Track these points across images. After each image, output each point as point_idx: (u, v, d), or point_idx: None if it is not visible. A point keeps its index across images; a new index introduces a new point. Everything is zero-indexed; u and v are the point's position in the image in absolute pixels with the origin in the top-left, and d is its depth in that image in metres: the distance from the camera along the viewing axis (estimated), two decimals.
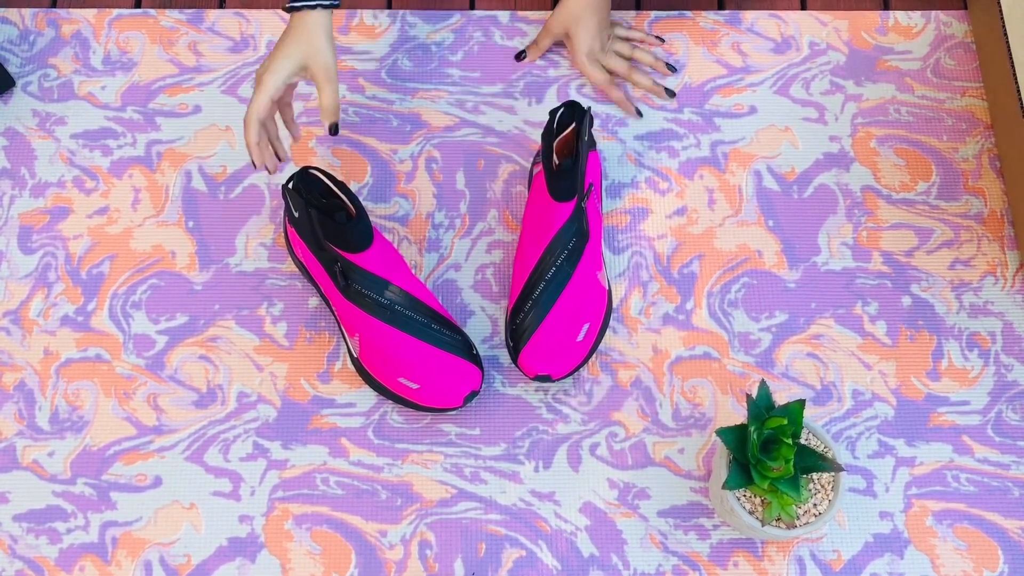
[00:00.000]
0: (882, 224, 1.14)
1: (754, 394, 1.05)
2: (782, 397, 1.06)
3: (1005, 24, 1.13)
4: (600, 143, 1.17)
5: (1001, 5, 1.14)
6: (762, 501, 0.94)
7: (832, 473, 0.94)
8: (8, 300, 1.10)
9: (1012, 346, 1.08)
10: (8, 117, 1.18)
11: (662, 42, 1.19)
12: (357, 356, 1.04)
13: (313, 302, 1.10)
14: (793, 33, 1.23)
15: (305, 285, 1.11)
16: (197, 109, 1.19)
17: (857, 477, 1.03)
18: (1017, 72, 1.10)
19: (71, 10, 1.24)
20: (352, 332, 1.03)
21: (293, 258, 1.09)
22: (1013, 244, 1.13)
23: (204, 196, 1.15)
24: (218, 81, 1.20)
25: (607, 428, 1.05)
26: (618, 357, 1.08)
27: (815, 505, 0.93)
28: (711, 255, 1.12)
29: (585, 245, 1.04)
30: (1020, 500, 1.02)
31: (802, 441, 0.95)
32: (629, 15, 1.24)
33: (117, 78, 1.20)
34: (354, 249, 0.99)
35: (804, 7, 1.25)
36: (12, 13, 1.24)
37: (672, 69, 1.18)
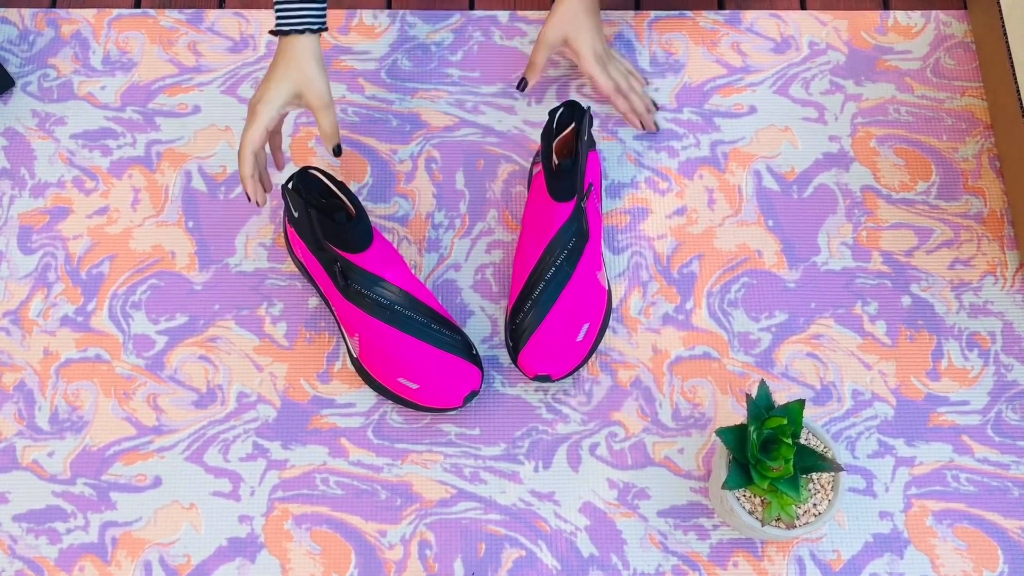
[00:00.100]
0: (882, 224, 1.14)
1: (754, 394, 1.05)
2: (782, 397, 1.06)
3: (1005, 24, 1.13)
4: (600, 143, 1.17)
5: (1001, 5, 1.14)
6: (762, 501, 0.94)
7: (832, 473, 0.94)
8: (8, 300, 1.10)
9: (1012, 346, 1.08)
10: (8, 117, 1.18)
11: (647, 83, 1.16)
12: (357, 356, 1.04)
13: (313, 302, 1.10)
14: (793, 33, 1.23)
15: (305, 285, 1.11)
16: (197, 109, 1.19)
17: (857, 477, 1.03)
18: (1017, 72, 1.10)
19: (71, 10, 1.24)
20: (352, 332, 1.03)
21: (293, 258, 1.09)
22: (1013, 244, 1.13)
23: (204, 196, 1.15)
24: (218, 81, 1.20)
25: (607, 428, 1.05)
26: (618, 357, 1.08)
27: (815, 505, 0.93)
28: (711, 255, 1.12)
29: (585, 245, 1.04)
30: (1020, 500, 1.02)
31: (802, 441, 0.95)
32: (628, 15, 1.24)
33: (117, 78, 1.20)
34: (354, 249, 0.99)
35: (804, 7, 1.25)
36: (12, 13, 1.24)
37: (656, 106, 1.16)
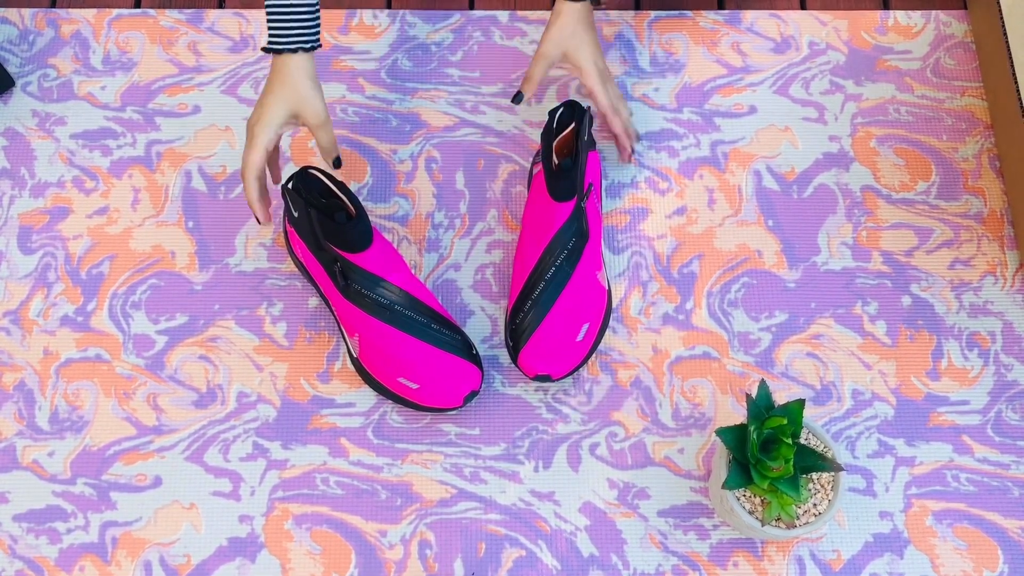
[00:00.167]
0: (882, 224, 1.14)
1: (754, 394, 1.05)
2: (782, 397, 1.06)
3: (1005, 24, 1.13)
4: (600, 143, 1.17)
5: (1001, 5, 1.14)
6: (762, 501, 0.94)
7: (832, 473, 0.94)
8: (8, 300, 1.10)
9: (1012, 346, 1.08)
10: (8, 117, 1.18)
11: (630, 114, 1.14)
12: (357, 356, 1.04)
13: (313, 302, 1.10)
14: (793, 33, 1.23)
15: (305, 285, 1.11)
16: (197, 109, 1.19)
17: (857, 477, 1.03)
18: (1017, 72, 1.10)
19: (71, 10, 1.24)
20: (352, 332, 1.03)
21: (293, 258, 1.09)
22: (1013, 244, 1.13)
23: (204, 196, 1.15)
24: (218, 81, 1.20)
25: (607, 428, 1.05)
26: (618, 357, 1.08)
27: (815, 505, 0.93)
28: (711, 255, 1.12)
29: (585, 245, 1.04)
30: (1020, 500, 1.02)
31: (802, 441, 0.95)
32: (628, 15, 1.24)
33: (117, 78, 1.20)
34: (354, 249, 0.99)
35: (804, 7, 1.25)
36: (12, 13, 1.24)
37: (638, 138, 1.13)
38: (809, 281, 1.11)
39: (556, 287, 1.02)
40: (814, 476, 0.94)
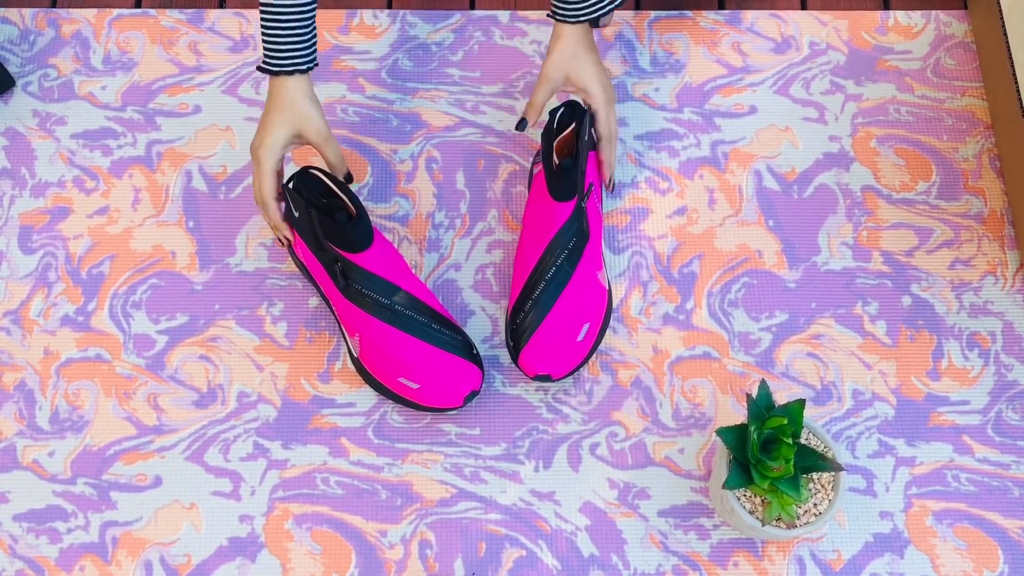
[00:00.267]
0: (882, 224, 1.14)
1: (754, 394, 1.05)
2: (782, 397, 1.06)
3: (1005, 24, 1.13)
4: None
5: (1001, 5, 1.14)
6: (762, 501, 0.94)
7: (832, 473, 0.94)
8: (8, 300, 1.10)
9: (1012, 346, 1.08)
10: (8, 117, 1.18)
11: (613, 188, 1.12)
12: (357, 356, 1.04)
13: (313, 302, 1.10)
14: (793, 33, 1.23)
15: (305, 285, 1.11)
16: (197, 109, 1.19)
17: (857, 477, 1.03)
18: (1017, 72, 1.10)
19: (71, 10, 1.24)
20: (352, 332, 1.03)
21: (293, 258, 1.09)
22: (1013, 244, 1.13)
23: (204, 196, 1.15)
24: (218, 81, 1.20)
25: (607, 428, 1.05)
26: (618, 357, 1.08)
27: (815, 505, 0.93)
28: (711, 255, 1.12)
29: (585, 245, 1.04)
30: (1020, 500, 1.02)
31: (802, 441, 0.95)
32: (628, 15, 1.24)
33: (117, 78, 1.20)
34: (354, 249, 0.99)
35: (804, 7, 1.25)
36: (12, 13, 1.24)
37: (612, 186, 1.11)
38: (809, 281, 1.11)
39: (557, 287, 1.02)
40: (814, 476, 0.94)
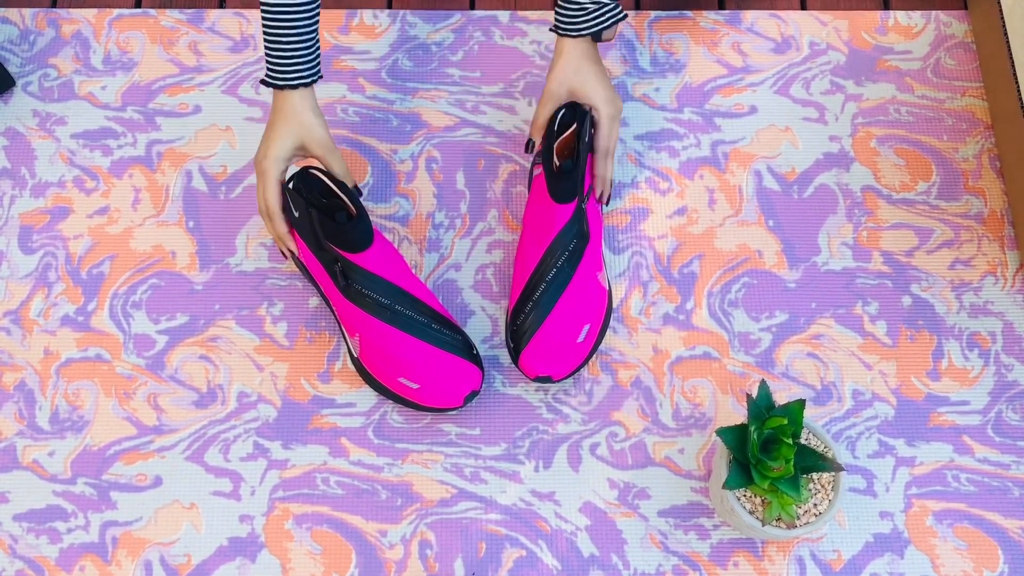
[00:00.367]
0: (882, 224, 1.14)
1: (754, 394, 1.05)
2: (782, 397, 1.06)
3: (1005, 24, 1.13)
4: None
5: (1001, 5, 1.14)
6: (762, 501, 0.94)
7: (832, 473, 0.94)
8: (8, 300, 1.10)
9: (1012, 346, 1.08)
10: (8, 117, 1.18)
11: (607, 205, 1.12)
12: (357, 356, 1.04)
13: (313, 302, 1.10)
14: (793, 33, 1.23)
15: (305, 285, 1.11)
16: (197, 109, 1.19)
17: (857, 477, 1.03)
18: (1017, 72, 1.10)
19: (71, 10, 1.24)
20: (352, 332, 1.03)
21: (293, 258, 1.09)
22: (1013, 244, 1.13)
23: (204, 196, 1.15)
24: (218, 81, 1.20)
25: (607, 428, 1.05)
26: (618, 357, 1.08)
27: (815, 505, 0.93)
28: (711, 255, 1.12)
29: (585, 246, 1.04)
30: (1020, 500, 1.02)
31: (802, 441, 0.95)
32: (629, 15, 1.24)
33: (117, 78, 1.20)
34: (354, 249, 0.99)
35: (804, 7, 1.25)
36: (12, 13, 1.24)
37: (606, 202, 1.10)
38: (809, 281, 1.11)
39: (557, 288, 1.02)
40: (814, 476, 0.94)
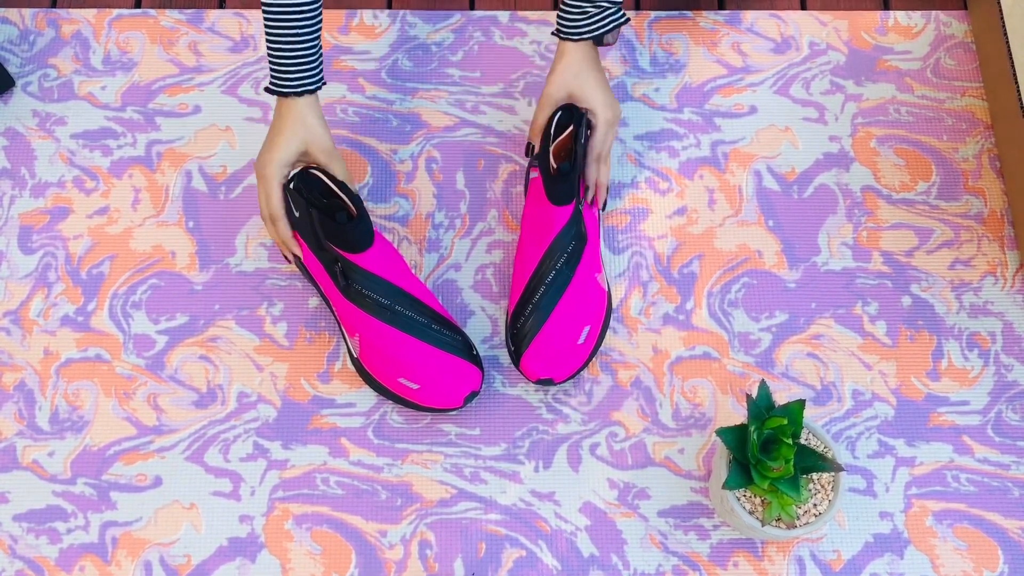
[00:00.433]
0: (882, 224, 1.14)
1: (754, 394, 1.05)
2: (782, 397, 1.06)
3: (1005, 24, 1.13)
4: None
5: (1001, 5, 1.14)
6: (762, 501, 0.94)
7: (832, 473, 0.94)
8: (8, 300, 1.10)
9: (1012, 346, 1.08)
10: (8, 117, 1.18)
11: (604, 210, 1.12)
12: (357, 356, 1.04)
13: (313, 302, 1.10)
14: (793, 33, 1.23)
15: (305, 285, 1.11)
16: (197, 109, 1.19)
17: (857, 477, 1.03)
18: (1017, 72, 1.10)
19: (71, 10, 1.24)
20: (352, 332, 1.03)
21: (296, 259, 1.09)
22: (1013, 244, 1.13)
23: (204, 196, 1.15)
24: (218, 81, 1.20)
25: (607, 428, 1.05)
26: (618, 357, 1.08)
27: (815, 505, 0.93)
28: (711, 255, 1.12)
29: (584, 248, 1.04)
30: (1020, 500, 1.02)
31: (802, 441, 0.95)
32: (629, 15, 1.24)
33: (117, 78, 1.20)
34: (355, 249, 0.99)
35: (804, 7, 1.25)
36: (12, 13, 1.24)
37: (603, 206, 1.10)
38: (809, 281, 1.11)
39: (556, 291, 1.02)
40: (814, 476, 0.94)
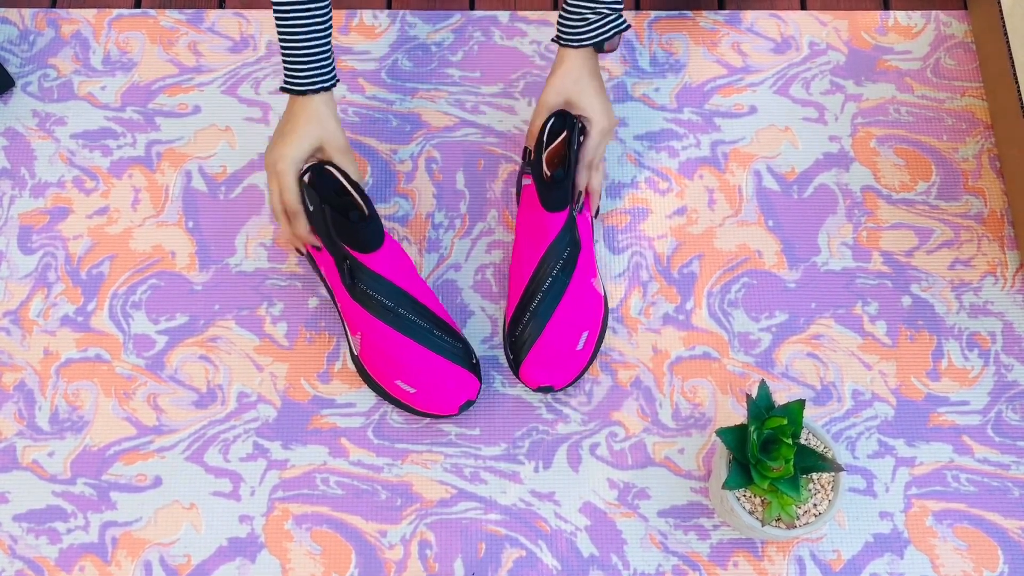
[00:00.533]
0: (882, 224, 1.14)
1: (754, 394, 1.05)
2: (782, 397, 1.06)
3: (1005, 24, 1.13)
4: None
5: (1001, 5, 1.14)
6: (762, 501, 0.94)
7: (832, 473, 0.94)
8: (8, 300, 1.10)
9: (1012, 346, 1.08)
10: (8, 117, 1.18)
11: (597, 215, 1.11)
12: (357, 354, 1.04)
13: (313, 302, 1.10)
14: (793, 33, 1.23)
15: (305, 285, 1.11)
16: (197, 109, 1.19)
17: (857, 477, 1.03)
18: (1017, 72, 1.10)
19: (71, 10, 1.24)
20: (354, 330, 1.02)
21: (308, 256, 1.09)
22: (1013, 244, 1.13)
23: (204, 196, 1.15)
24: (218, 81, 1.20)
25: (607, 428, 1.05)
26: (618, 357, 1.08)
27: (815, 505, 0.93)
28: (711, 255, 1.12)
29: (579, 254, 1.04)
30: (1020, 500, 1.02)
31: (802, 441, 0.95)
32: (629, 15, 1.24)
33: (117, 78, 1.20)
34: (365, 249, 0.99)
35: (804, 7, 1.25)
36: (12, 13, 1.24)
37: (596, 213, 1.09)
38: (809, 281, 1.11)
39: (554, 298, 1.02)
40: (814, 476, 0.94)
